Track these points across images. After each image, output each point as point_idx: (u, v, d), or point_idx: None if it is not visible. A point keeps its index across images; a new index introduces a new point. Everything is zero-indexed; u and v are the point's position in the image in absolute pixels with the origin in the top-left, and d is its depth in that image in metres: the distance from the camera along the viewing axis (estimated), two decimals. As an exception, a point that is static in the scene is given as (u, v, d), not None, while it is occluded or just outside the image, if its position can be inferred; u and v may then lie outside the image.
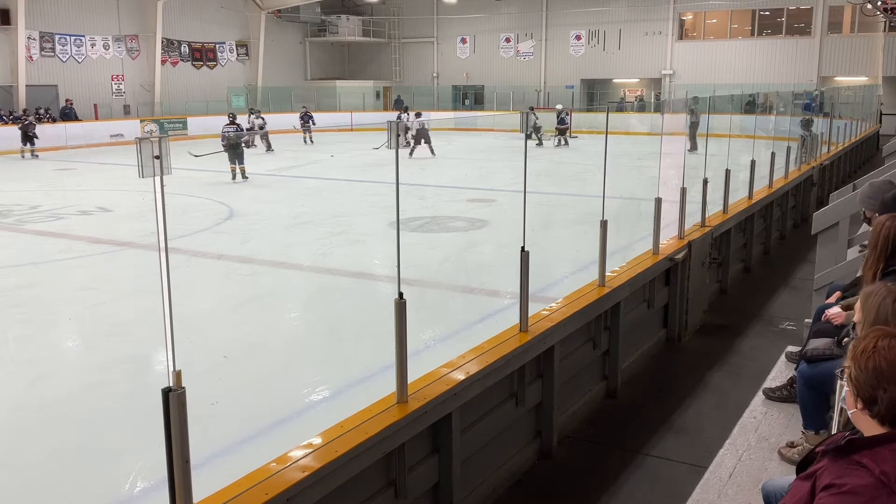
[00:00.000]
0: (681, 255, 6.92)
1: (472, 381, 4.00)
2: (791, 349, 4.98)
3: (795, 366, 4.20)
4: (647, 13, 35.75)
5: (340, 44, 42.25)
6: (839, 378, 2.15)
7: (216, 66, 36.16)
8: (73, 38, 30.38)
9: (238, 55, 37.07)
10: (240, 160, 17.82)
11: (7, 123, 26.10)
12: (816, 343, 3.84)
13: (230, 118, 18.60)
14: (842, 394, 2.12)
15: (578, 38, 37.76)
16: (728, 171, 8.82)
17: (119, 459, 4.80)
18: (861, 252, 6.17)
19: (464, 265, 10.05)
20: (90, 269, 9.85)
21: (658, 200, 6.84)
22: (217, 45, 36.11)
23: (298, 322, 7.99)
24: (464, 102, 40.90)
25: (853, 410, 2.01)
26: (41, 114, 27.70)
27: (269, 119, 26.40)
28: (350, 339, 7.00)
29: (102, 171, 21.25)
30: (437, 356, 4.59)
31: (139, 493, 4.36)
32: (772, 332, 7.48)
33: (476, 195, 15.19)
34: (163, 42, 33.00)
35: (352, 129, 33.65)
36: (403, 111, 26.04)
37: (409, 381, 3.72)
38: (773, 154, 11.47)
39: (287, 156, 23.69)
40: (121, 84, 32.25)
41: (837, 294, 4.44)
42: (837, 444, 1.98)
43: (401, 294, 3.62)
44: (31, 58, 28.94)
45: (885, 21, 29.85)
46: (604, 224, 5.73)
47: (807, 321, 5.07)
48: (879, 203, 4.50)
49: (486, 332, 4.75)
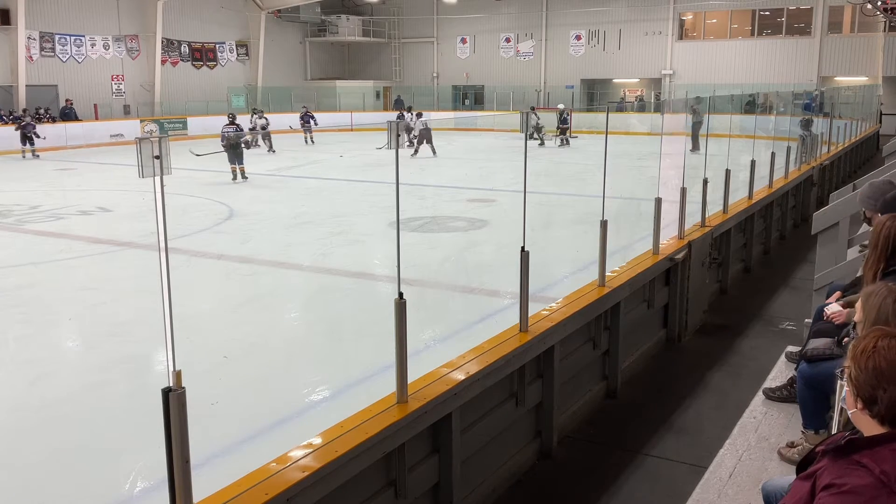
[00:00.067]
0: (681, 255, 6.92)
1: (472, 381, 4.00)
2: (791, 349, 4.98)
3: (795, 366, 4.20)
4: (647, 13, 35.75)
5: (340, 44, 42.26)
6: (839, 378, 2.15)
7: (216, 66, 36.16)
8: (73, 38, 30.38)
9: (238, 55, 37.07)
10: (239, 160, 17.82)
11: (7, 123, 26.10)
12: (816, 343, 3.84)
13: (230, 118, 18.60)
14: (842, 394, 2.12)
15: (578, 38, 37.76)
16: (728, 171, 8.82)
17: (119, 459, 4.80)
18: (861, 252, 6.17)
19: (464, 265, 10.05)
20: (90, 269, 9.85)
21: (658, 200, 6.85)
22: (217, 45, 36.11)
23: (298, 322, 7.99)
24: (464, 102, 40.89)
25: (853, 410, 2.01)
26: (41, 114, 27.69)
27: (270, 119, 26.39)
28: (350, 339, 7.00)
29: (102, 171, 21.25)
30: (437, 356, 4.59)
31: (139, 493, 4.37)
32: (772, 332, 7.48)
33: (476, 195, 15.19)
34: (163, 42, 33.01)
35: (352, 129, 33.65)
36: (406, 111, 26.05)
37: (409, 381, 3.72)
38: (773, 154, 11.47)
39: (287, 156, 23.69)
40: (121, 84, 32.26)
41: (837, 294, 4.44)
42: (837, 444, 1.98)
43: (401, 294, 3.62)
44: (31, 58, 28.94)
45: (885, 21, 29.85)
46: (604, 224, 5.73)
47: (807, 321, 5.07)
48: (879, 203, 4.50)
49: (486, 332, 4.75)
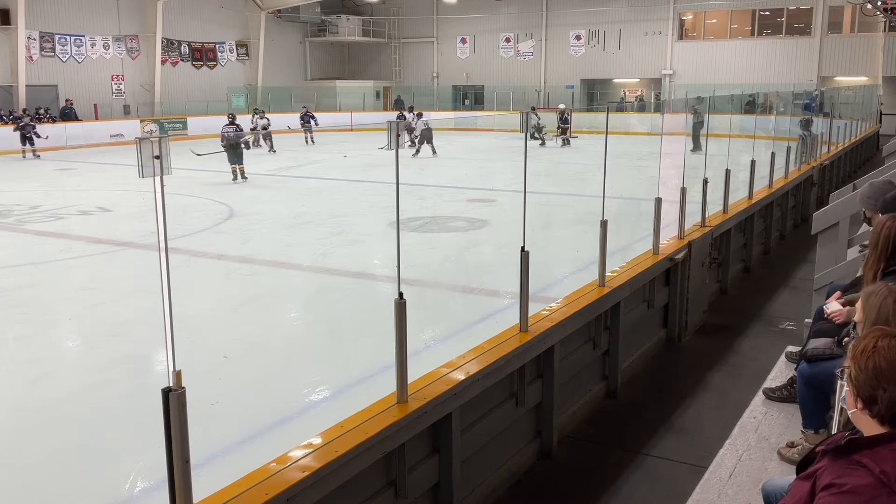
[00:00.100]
0: (681, 255, 6.92)
1: (472, 381, 4.00)
2: (791, 349, 4.98)
3: (795, 366, 4.20)
4: (647, 13, 35.75)
5: (340, 44, 42.26)
6: (839, 378, 2.15)
7: (216, 66, 36.16)
8: (73, 38, 30.38)
9: (238, 55, 37.07)
10: (239, 161, 17.82)
11: (7, 123, 26.10)
12: (817, 342, 3.84)
13: (230, 118, 18.59)
14: (842, 394, 2.12)
15: (578, 38, 37.76)
16: (728, 171, 8.82)
17: (119, 459, 4.80)
18: (861, 252, 6.17)
19: (464, 265, 10.05)
20: (90, 269, 9.85)
21: (658, 200, 6.84)
22: (217, 45, 36.11)
23: (298, 322, 7.99)
24: (464, 102, 40.89)
25: (853, 410, 2.01)
26: (41, 114, 27.69)
27: (271, 119, 26.37)
28: (350, 339, 7.00)
29: (102, 171, 21.24)
30: (437, 356, 4.59)
31: (139, 493, 4.37)
32: (772, 332, 7.48)
33: (476, 195, 15.19)
34: (163, 42, 33.01)
35: (352, 129, 33.66)
36: (409, 111, 26.10)
37: (409, 381, 3.72)
38: (773, 154, 11.47)
39: (287, 156, 23.69)
40: (121, 84, 32.26)
41: (837, 294, 4.44)
42: (837, 444, 1.98)
43: (401, 294, 3.62)
44: (31, 58, 28.94)
45: (885, 21, 29.85)
46: (604, 224, 5.73)
47: (807, 321, 5.07)
48: (879, 203, 4.49)
49: (486, 332, 4.75)
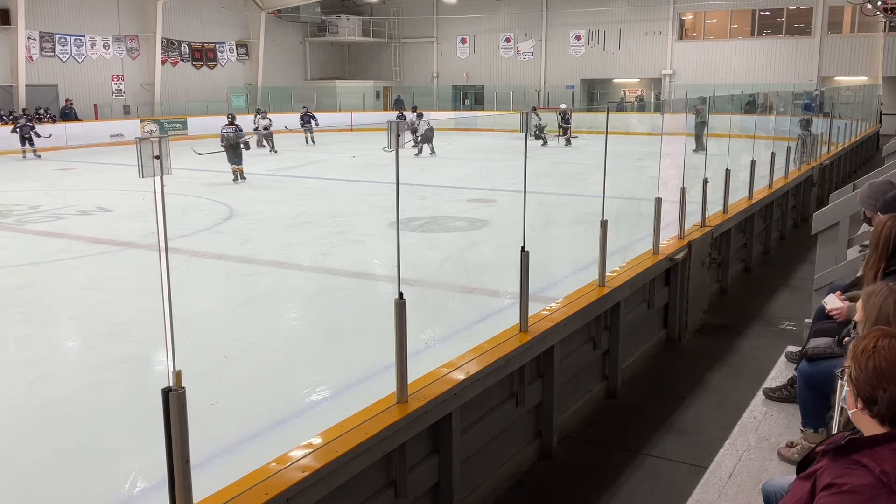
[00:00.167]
0: (681, 255, 6.92)
1: (472, 381, 4.00)
2: (791, 349, 4.98)
3: (795, 366, 4.20)
4: (647, 13, 35.75)
5: (340, 44, 42.26)
6: (839, 377, 2.15)
7: (216, 66, 36.16)
8: (73, 38, 30.38)
9: (238, 55, 37.07)
10: (238, 161, 17.82)
11: (7, 123, 26.10)
12: (817, 342, 3.84)
13: (229, 119, 18.59)
14: (842, 393, 2.12)
15: (578, 38, 37.76)
16: (728, 171, 8.82)
17: (119, 459, 4.80)
18: (861, 252, 6.16)
19: (464, 265, 10.05)
20: (90, 269, 9.85)
21: (658, 200, 6.84)
22: (217, 45, 36.11)
23: (298, 322, 7.99)
24: (464, 102, 40.90)
25: (853, 410, 2.01)
26: (42, 114, 27.68)
27: (272, 119, 26.34)
28: (350, 339, 7.00)
29: (102, 171, 21.24)
30: (437, 356, 4.59)
31: (139, 493, 4.37)
32: (772, 332, 7.48)
33: (476, 195, 15.19)
34: (163, 42, 33.01)
35: (352, 129, 33.67)
36: (412, 111, 26.19)
37: (409, 381, 3.72)
38: (773, 154, 11.47)
39: (287, 156, 23.68)
40: (121, 84, 32.25)
41: (838, 294, 4.43)
42: (837, 444, 1.98)
43: (401, 294, 3.62)
44: (31, 58, 28.94)
45: (885, 21, 29.85)
46: (604, 224, 5.73)
47: (807, 321, 5.07)
48: (879, 203, 4.50)
49: (486, 332, 4.75)
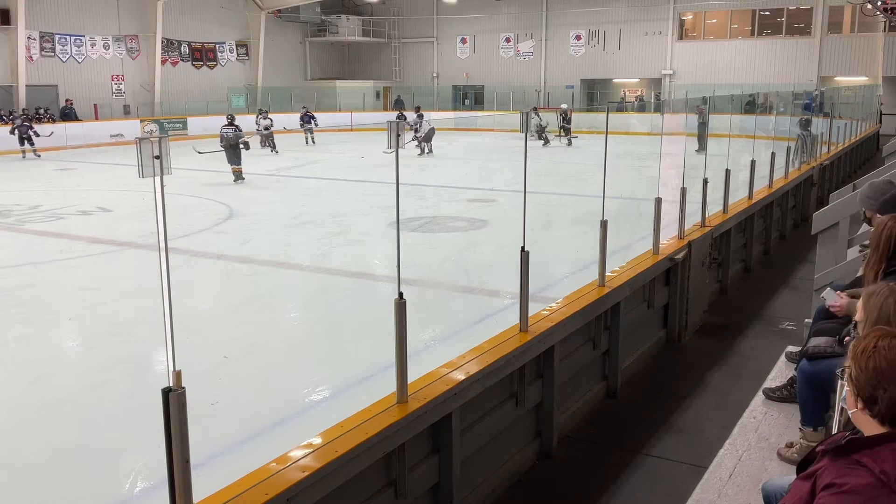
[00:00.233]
0: (681, 255, 6.92)
1: (472, 381, 4.00)
2: (791, 349, 4.98)
3: (795, 365, 4.19)
4: (647, 13, 35.75)
5: (340, 44, 42.26)
6: (840, 377, 2.15)
7: (216, 66, 36.16)
8: (73, 38, 30.37)
9: (238, 55, 37.07)
10: (237, 161, 17.81)
11: (7, 123, 26.09)
12: (818, 341, 3.84)
13: (228, 119, 18.59)
14: (842, 393, 2.12)
15: (578, 38, 37.76)
16: (728, 171, 8.82)
17: (119, 459, 4.80)
18: (861, 252, 6.16)
19: (464, 265, 10.05)
20: (90, 269, 9.85)
21: (658, 200, 6.84)
22: (217, 45, 36.11)
23: (298, 322, 7.99)
24: (464, 102, 40.89)
25: (853, 410, 2.01)
26: (41, 114, 27.67)
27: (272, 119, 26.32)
28: (350, 339, 7.00)
29: (102, 171, 21.24)
30: (437, 356, 4.59)
31: (139, 493, 4.37)
32: (772, 332, 7.48)
33: (476, 195, 15.19)
34: (163, 42, 33.00)
35: (352, 129, 33.67)
36: (415, 111, 26.34)
37: (409, 381, 3.72)
38: (773, 154, 11.47)
39: (287, 156, 23.68)
40: (121, 84, 32.25)
41: (838, 293, 4.43)
42: (838, 444, 1.98)
43: (401, 294, 3.62)
44: (31, 58, 28.94)
45: (885, 21, 29.86)
46: (604, 224, 5.73)
47: (807, 321, 5.07)
48: (879, 203, 4.50)
49: (486, 332, 4.75)
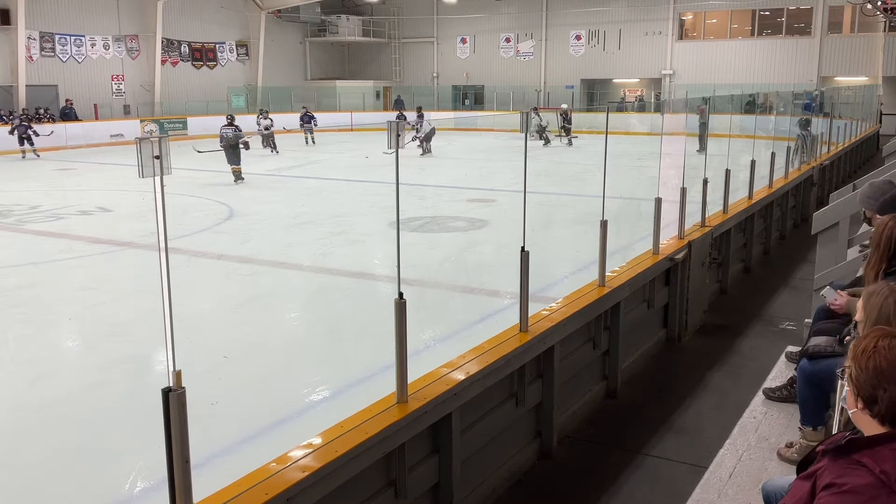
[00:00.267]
0: (681, 255, 6.92)
1: (472, 381, 4.00)
2: (791, 349, 4.98)
3: (795, 366, 4.20)
4: (647, 13, 35.75)
5: (340, 44, 42.26)
6: (840, 377, 2.15)
7: (216, 66, 36.16)
8: (73, 38, 30.37)
9: (238, 55, 37.07)
10: (236, 161, 17.81)
11: (7, 123, 26.09)
12: (818, 340, 3.84)
13: (228, 119, 18.60)
14: (842, 393, 2.12)
15: (578, 38, 37.76)
16: (728, 171, 8.82)
17: (119, 459, 4.80)
18: (861, 252, 6.16)
19: (464, 265, 10.05)
20: (90, 269, 9.84)
21: (658, 200, 6.84)
22: (217, 45, 36.11)
23: (298, 322, 7.99)
24: (464, 102, 40.89)
25: (853, 410, 2.01)
26: (41, 114, 27.67)
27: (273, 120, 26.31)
28: (350, 339, 7.00)
29: (102, 171, 21.24)
30: (437, 356, 4.59)
31: (139, 493, 4.37)
32: (772, 332, 7.48)
33: (476, 195, 15.19)
34: (163, 42, 33.00)
35: (352, 129, 33.66)
36: (417, 111, 26.43)
37: (409, 381, 3.72)
38: (773, 154, 11.47)
39: (287, 156, 23.68)
40: (121, 84, 32.25)
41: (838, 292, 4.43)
42: (838, 444, 1.98)
43: (401, 294, 3.62)
44: (31, 58, 28.93)
45: (885, 21, 29.86)
46: (604, 224, 5.73)
47: (807, 321, 5.06)
48: (879, 203, 4.50)
49: (486, 332, 4.75)
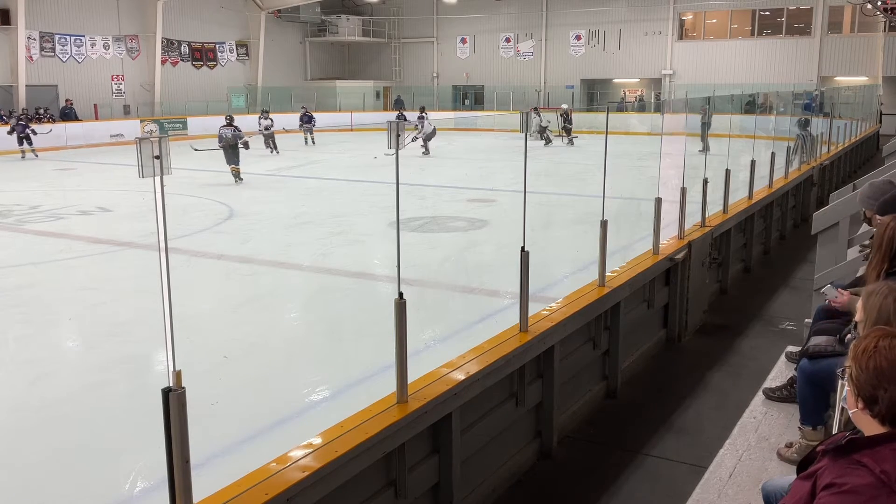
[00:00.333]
0: (681, 255, 6.92)
1: (472, 381, 4.00)
2: (791, 349, 4.97)
3: (795, 365, 4.19)
4: (647, 13, 35.75)
5: (340, 44, 42.25)
6: (840, 376, 2.15)
7: (216, 66, 36.15)
8: (73, 38, 30.36)
9: (238, 55, 37.06)
10: (235, 161, 17.81)
11: (7, 123, 26.09)
12: (818, 339, 3.84)
13: (227, 119, 18.60)
14: (842, 393, 2.12)
15: (578, 38, 37.76)
16: (728, 171, 8.82)
17: (119, 459, 4.80)
18: (861, 252, 6.16)
19: (464, 265, 10.05)
20: (90, 269, 9.84)
21: (658, 200, 6.84)
22: (217, 45, 36.11)
23: (298, 322, 7.99)
24: (464, 102, 40.89)
25: (854, 410, 2.01)
26: (41, 114, 27.66)
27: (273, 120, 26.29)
28: (350, 339, 7.00)
29: (102, 171, 21.24)
30: (437, 356, 4.59)
31: (139, 493, 4.36)
32: (772, 332, 7.48)
33: (476, 195, 15.19)
34: (163, 42, 33.00)
35: (352, 129, 33.66)
36: (420, 111, 26.49)
37: (409, 381, 3.72)
38: (773, 154, 11.48)
39: (287, 156, 23.69)
40: (121, 84, 32.25)
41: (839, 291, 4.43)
42: (838, 444, 1.98)
43: (401, 294, 3.62)
44: (31, 58, 28.93)
45: (885, 21, 29.86)
46: (604, 224, 5.73)
47: (807, 321, 5.06)
48: (879, 203, 4.50)
49: (486, 332, 4.75)
